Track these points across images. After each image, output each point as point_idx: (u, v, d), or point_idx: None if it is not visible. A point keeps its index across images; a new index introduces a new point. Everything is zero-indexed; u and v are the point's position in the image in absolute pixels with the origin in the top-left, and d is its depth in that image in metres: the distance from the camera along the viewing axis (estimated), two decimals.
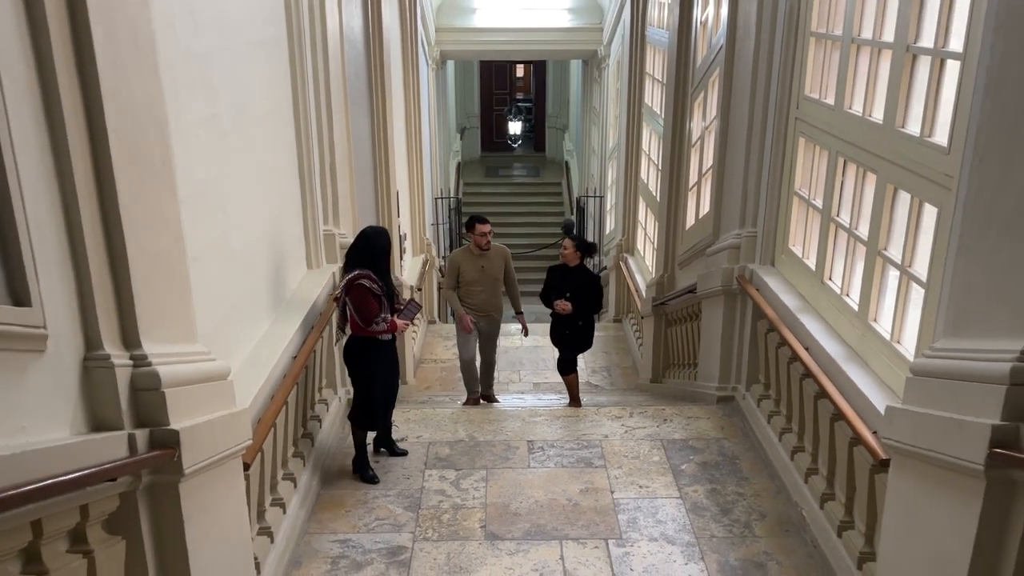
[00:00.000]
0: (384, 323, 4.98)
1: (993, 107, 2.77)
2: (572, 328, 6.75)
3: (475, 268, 6.86)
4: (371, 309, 4.88)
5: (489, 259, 6.85)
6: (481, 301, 6.95)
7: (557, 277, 6.78)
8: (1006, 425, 2.59)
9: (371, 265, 4.94)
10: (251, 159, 4.40)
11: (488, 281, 6.91)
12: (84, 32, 2.30)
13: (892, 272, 4.03)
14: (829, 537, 4.29)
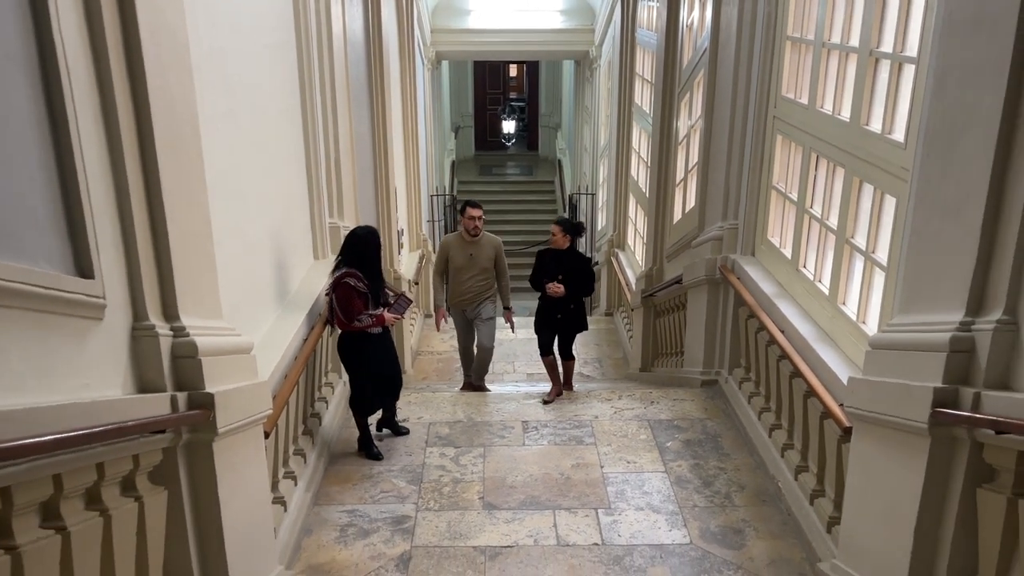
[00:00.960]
0: (369, 318, 5.17)
1: (936, 107, 3.12)
2: (564, 311, 6.64)
3: (463, 255, 6.83)
4: (353, 307, 5.09)
5: (479, 247, 6.81)
6: (467, 288, 6.92)
7: (547, 261, 6.67)
8: (947, 388, 2.94)
9: (359, 264, 5.16)
10: (263, 153, 4.72)
11: (476, 269, 6.85)
12: (134, 37, 2.62)
13: (858, 258, 4.38)
14: (802, 505, 4.64)
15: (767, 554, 4.46)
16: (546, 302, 6.69)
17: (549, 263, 6.61)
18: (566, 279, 6.49)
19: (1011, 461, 2.74)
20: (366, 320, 5.15)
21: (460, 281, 6.90)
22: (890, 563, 3.35)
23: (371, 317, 5.17)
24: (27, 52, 2.18)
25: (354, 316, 5.11)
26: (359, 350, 5.30)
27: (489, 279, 6.96)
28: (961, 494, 3.00)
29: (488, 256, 6.86)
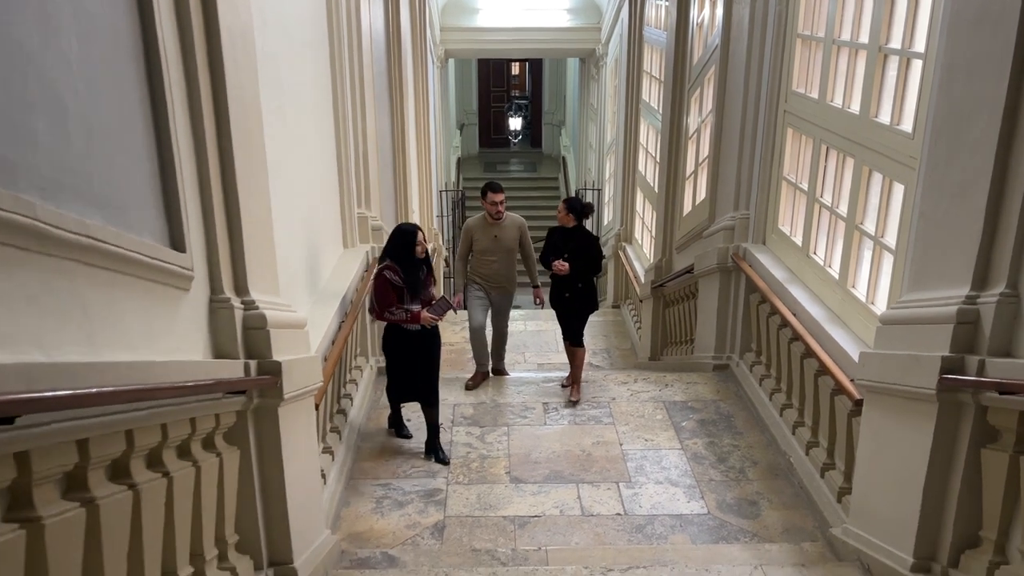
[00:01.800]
0: (403, 313, 5.21)
1: (943, 99, 3.38)
2: (572, 290, 6.45)
3: (488, 237, 6.61)
4: (385, 299, 5.18)
5: (503, 228, 6.60)
6: (493, 272, 6.69)
7: (556, 239, 6.50)
8: (953, 356, 3.20)
9: (397, 258, 5.23)
10: (303, 146, 4.97)
11: (501, 252, 6.63)
12: (215, 36, 2.88)
13: (867, 243, 4.64)
14: (813, 478, 4.90)
15: (781, 523, 4.72)
16: (556, 281, 6.52)
17: (557, 240, 6.48)
18: (572, 257, 6.32)
19: (1013, 422, 3.00)
20: (398, 314, 5.22)
21: (485, 263, 6.69)
22: (900, 523, 3.61)
23: (406, 312, 5.22)
24: (135, 45, 2.43)
25: (384, 307, 5.21)
26: (394, 344, 5.41)
27: (514, 262, 6.79)
28: (967, 455, 3.26)
29: (513, 237, 6.65)
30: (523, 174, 24.04)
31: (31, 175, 1.85)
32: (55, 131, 1.97)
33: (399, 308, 5.22)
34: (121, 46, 2.35)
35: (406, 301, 5.23)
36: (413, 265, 5.25)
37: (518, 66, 26.59)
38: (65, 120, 2.01)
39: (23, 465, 1.72)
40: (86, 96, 2.11)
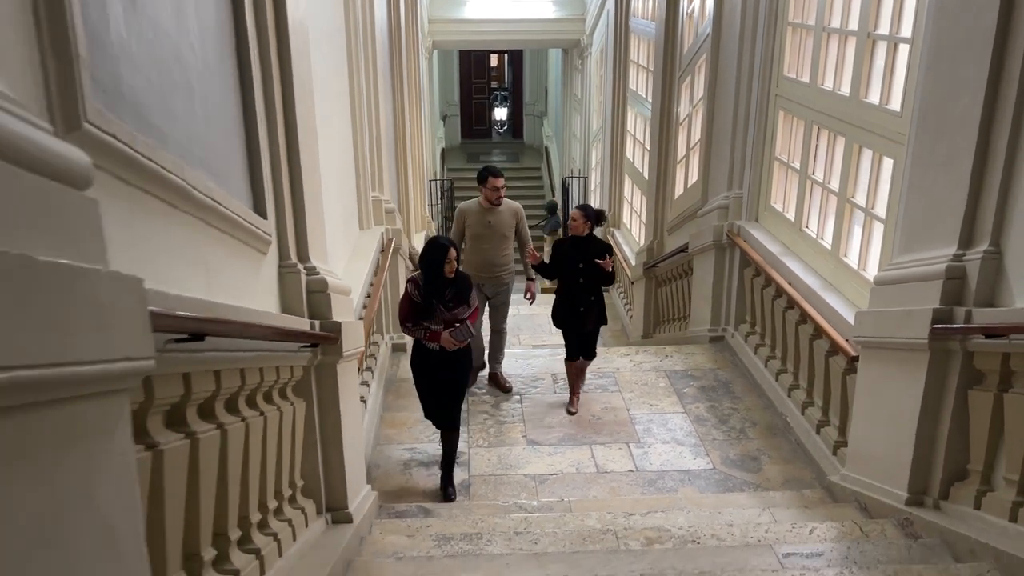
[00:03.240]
0: (422, 331, 4.81)
1: (930, 80, 3.76)
2: (587, 303, 6.03)
3: (482, 222, 6.20)
4: (400, 311, 4.87)
5: (498, 214, 6.22)
6: (486, 259, 6.26)
7: (566, 249, 6.02)
8: (943, 308, 3.58)
9: (424, 272, 4.80)
10: (328, 128, 5.26)
11: (496, 238, 6.24)
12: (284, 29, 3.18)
13: (858, 215, 5.03)
14: (809, 435, 5.30)
15: (781, 475, 5.12)
16: (566, 295, 6.08)
17: (569, 251, 5.98)
18: (587, 268, 5.88)
19: (996, 363, 3.39)
20: (416, 331, 4.83)
21: (479, 251, 6.28)
22: (894, 463, 4.01)
23: (424, 331, 4.80)
24: (231, 35, 2.73)
25: (402, 321, 4.88)
26: (417, 360, 5.03)
27: (509, 249, 6.38)
28: (955, 397, 3.65)
29: (509, 224, 6.27)
30: (506, 164, 24.31)
31: (173, 144, 2.16)
32: (187, 107, 2.27)
33: (418, 325, 4.81)
34: (224, 36, 2.65)
35: (423, 318, 4.81)
36: (437, 284, 4.77)
37: (497, 58, 26.86)
38: (192, 99, 2.31)
39: (187, 385, 2.04)
40: (204, 78, 2.42)
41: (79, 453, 1.20)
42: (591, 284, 6.00)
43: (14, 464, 1.03)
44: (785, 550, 3.57)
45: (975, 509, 3.55)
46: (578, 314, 6.05)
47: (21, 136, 1.07)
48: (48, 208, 1.12)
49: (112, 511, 1.31)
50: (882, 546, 3.57)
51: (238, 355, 2.42)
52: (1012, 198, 3.33)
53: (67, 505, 1.17)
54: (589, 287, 6.01)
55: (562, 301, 6.13)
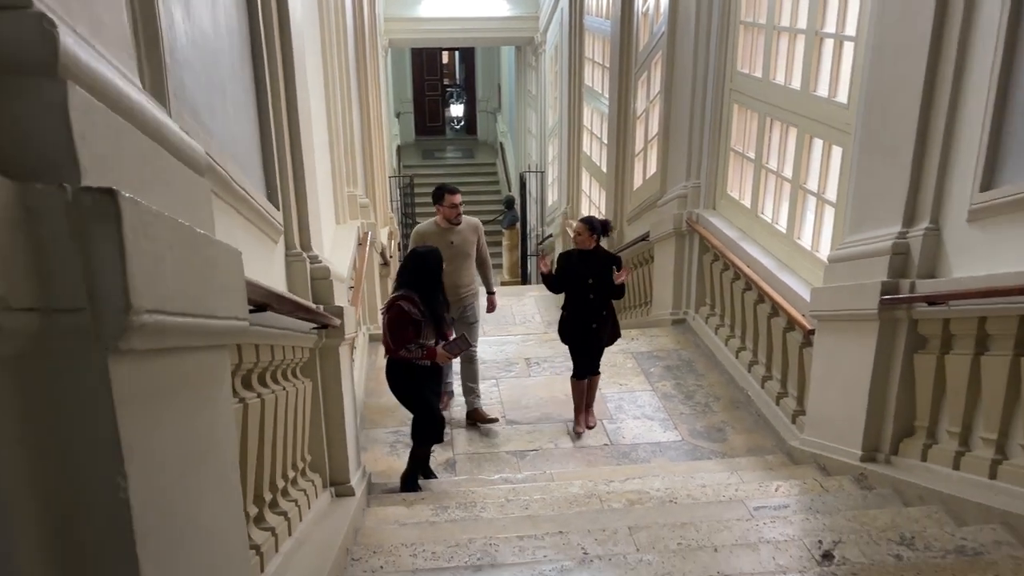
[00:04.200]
0: (419, 350, 4.58)
1: (875, 75, 4.14)
2: (599, 319, 5.63)
3: (443, 243, 5.69)
4: (403, 335, 4.55)
5: (460, 233, 5.90)
6: (451, 282, 5.67)
7: (574, 262, 5.65)
8: (890, 281, 3.97)
9: (417, 286, 4.63)
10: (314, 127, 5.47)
11: (459, 258, 5.89)
12: (287, 33, 3.41)
13: (810, 200, 5.42)
14: (770, 406, 5.69)
15: (745, 444, 5.49)
16: (575, 311, 5.69)
17: (576, 265, 5.61)
18: (597, 283, 5.55)
19: (938, 329, 3.79)
20: (415, 351, 4.58)
21: (444, 273, 5.47)
22: (849, 425, 4.39)
23: (422, 349, 4.59)
24: (246, 39, 2.96)
25: (402, 344, 4.56)
26: (405, 379, 4.74)
27: (472, 268, 6.10)
28: (902, 361, 4.04)
29: (471, 242, 5.98)
30: (460, 161, 24.56)
31: (215, 139, 2.39)
32: (222, 106, 2.50)
33: (416, 345, 4.59)
34: (243, 38, 2.88)
35: (422, 335, 4.64)
36: (435, 295, 4.70)
37: (448, 55, 27.05)
38: (225, 97, 2.55)
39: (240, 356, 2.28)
40: (232, 78, 2.65)
41: (207, 394, 1.45)
42: (602, 299, 5.62)
43: (180, 393, 1.28)
44: (755, 504, 3.92)
45: (922, 461, 3.95)
46: (590, 331, 5.67)
47: (173, 132, 1.32)
48: (188, 188, 1.37)
49: (224, 447, 1.56)
50: (841, 497, 3.95)
51: (271, 331, 2.66)
52: (948, 181, 3.72)
53: (205, 435, 1.42)
54: (600, 302, 5.62)
55: (571, 317, 5.73)
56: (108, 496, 1.04)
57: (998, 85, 3.32)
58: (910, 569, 2.79)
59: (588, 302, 5.59)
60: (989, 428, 3.49)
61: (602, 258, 5.66)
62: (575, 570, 3.01)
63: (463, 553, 3.29)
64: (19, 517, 0.96)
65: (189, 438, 1.33)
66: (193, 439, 1.35)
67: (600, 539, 3.38)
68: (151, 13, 1.69)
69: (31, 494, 0.98)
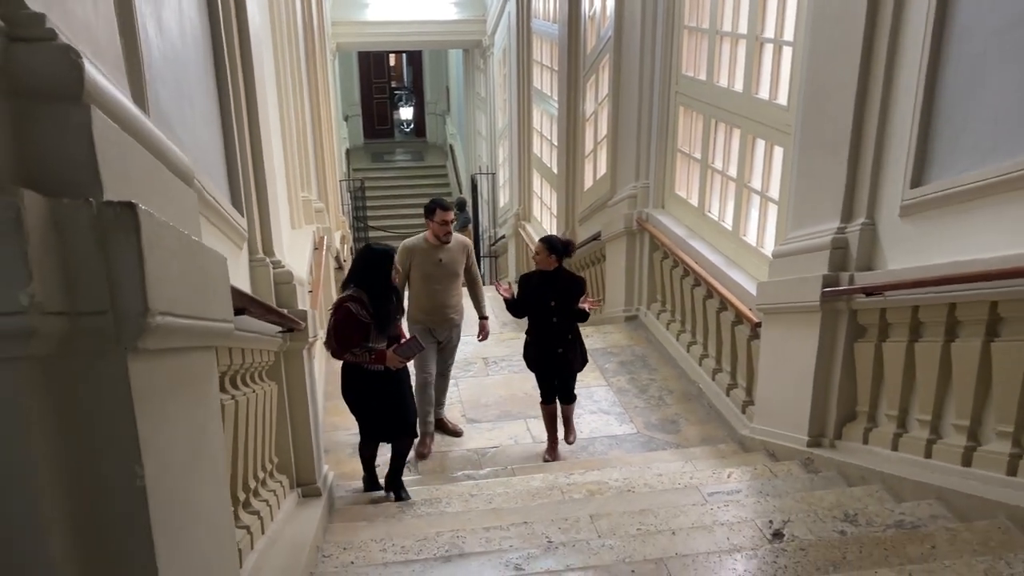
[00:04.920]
0: (366, 354, 4.31)
1: (812, 78, 4.36)
2: (564, 343, 5.33)
3: (431, 261, 5.46)
4: (348, 338, 4.27)
5: (448, 251, 5.50)
6: (438, 303, 5.55)
7: (533, 284, 5.38)
8: (831, 274, 4.18)
9: (367, 286, 4.31)
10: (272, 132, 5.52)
11: (447, 277, 5.55)
12: (247, 44, 3.47)
13: (755, 198, 5.65)
14: (720, 397, 5.90)
15: (698, 435, 5.69)
16: (538, 335, 5.41)
17: (537, 287, 5.33)
18: (560, 305, 5.24)
19: (876, 318, 4.01)
20: (361, 355, 4.31)
21: (429, 294, 5.54)
22: (796, 412, 4.60)
23: (369, 353, 4.31)
24: (208, 52, 3.03)
25: (347, 347, 4.29)
26: (358, 386, 4.48)
27: (459, 289, 5.76)
28: (844, 350, 4.26)
29: (460, 261, 5.59)
30: (410, 163, 24.58)
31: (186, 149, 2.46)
32: (192, 116, 2.57)
33: (362, 348, 4.32)
34: (206, 45, 2.95)
35: (371, 339, 4.34)
36: (385, 296, 4.39)
37: (395, 57, 27.04)
38: (193, 109, 2.62)
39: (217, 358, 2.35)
40: (197, 90, 2.72)
41: (201, 391, 1.54)
42: (566, 322, 5.29)
43: (182, 390, 1.37)
44: (709, 490, 4.10)
45: (864, 444, 4.17)
46: (555, 356, 5.36)
47: (168, 146, 1.41)
48: (181, 199, 1.46)
49: (214, 441, 1.65)
50: (789, 481, 4.15)
51: (244, 335, 2.73)
52: (882, 179, 3.95)
53: (200, 429, 1.51)
54: (565, 325, 5.29)
55: (535, 342, 5.44)
56: (127, 483, 1.13)
57: (925, 89, 3.55)
58: (853, 543, 2.98)
59: (552, 326, 5.28)
60: (924, 410, 3.72)
61: (565, 279, 5.35)
62: (541, 557, 3.13)
63: (431, 546, 3.39)
64: (50, 500, 1.05)
65: (190, 432, 1.43)
66: (192, 433, 1.44)
67: (563, 527, 3.51)
68: (132, 31, 1.77)
69: (61, 480, 1.07)
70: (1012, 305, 3.14)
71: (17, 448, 0.99)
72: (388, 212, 20.48)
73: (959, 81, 3.41)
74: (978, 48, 3.28)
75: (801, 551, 2.93)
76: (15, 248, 0.89)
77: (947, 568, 2.58)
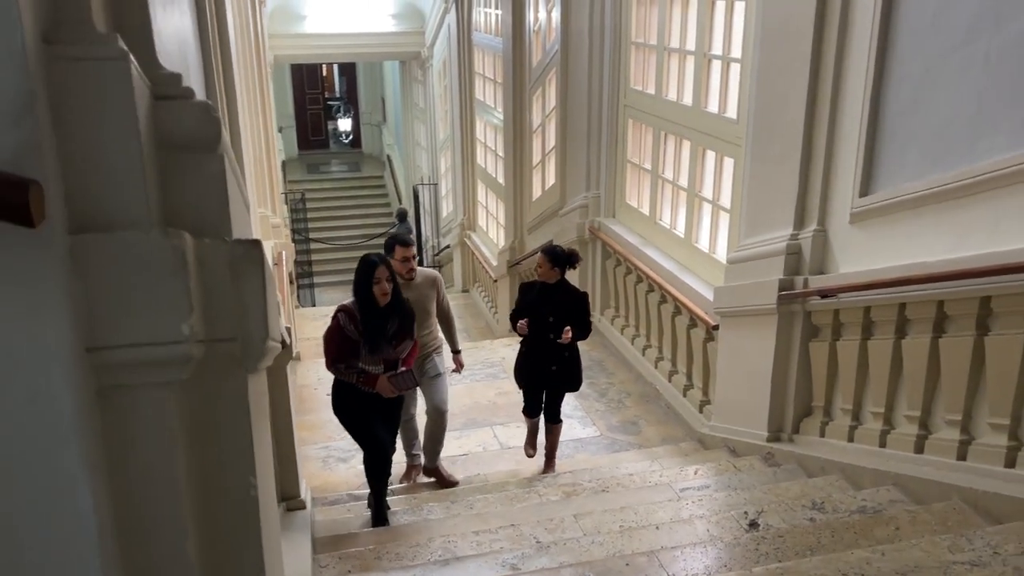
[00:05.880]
0: (353, 374, 4.05)
1: (762, 92, 4.63)
2: (559, 360, 5.00)
3: None
4: (330, 350, 4.07)
5: (416, 288, 4.98)
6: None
7: (533, 295, 5.01)
8: (786, 278, 4.45)
9: (357, 298, 4.04)
10: None
11: (418, 315, 4.87)
12: (227, 50, 3.54)
13: (706, 207, 5.91)
14: (678, 398, 6.14)
15: (658, 434, 5.92)
16: (533, 350, 5.03)
17: (535, 299, 4.98)
18: (558, 320, 4.88)
19: (829, 319, 4.29)
20: (347, 374, 4.07)
21: None
22: (754, 410, 4.86)
23: (357, 374, 4.06)
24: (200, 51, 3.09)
25: (331, 360, 4.08)
26: (352, 404, 4.19)
27: (434, 324, 5.28)
28: (799, 349, 4.53)
29: (430, 297, 5.13)
30: (347, 174, 24.46)
31: None
32: None
33: (351, 367, 4.07)
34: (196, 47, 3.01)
35: (363, 358, 4.05)
36: (375, 312, 4.02)
37: (327, 68, 26.89)
38: None
39: None
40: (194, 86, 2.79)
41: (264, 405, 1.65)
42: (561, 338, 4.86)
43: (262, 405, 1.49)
44: (680, 486, 4.31)
45: (821, 437, 4.44)
46: (549, 373, 5.04)
47: (241, 182, 1.52)
48: (248, 227, 1.58)
49: (269, 449, 1.76)
50: (753, 475, 4.40)
51: None
52: (831, 188, 4.23)
53: (266, 438, 1.62)
54: (563, 343, 4.89)
55: (529, 356, 5.08)
56: (244, 493, 1.25)
57: (871, 105, 3.84)
58: (825, 528, 3.21)
59: (548, 342, 4.89)
60: (877, 403, 4.00)
61: (565, 293, 5.00)
62: (535, 556, 3.28)
63: (424, 552, 3.51)
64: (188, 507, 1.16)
65: (266, 442, 1.54)
66: (267, 442, 1.56)
67: (549, 528, 3.67)
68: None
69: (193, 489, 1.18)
70: (956, 304, 3.43)
71: (169, 463, 1.10)
72: (327, 224, 20.35)
73: (902, 99, 3.71)
74: (920, 69, 3.58)
75: (779, 538, 3.15)
76: (182, 284, 1.01)
77: (914, 546, 2.83)
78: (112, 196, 0.99)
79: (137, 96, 0.99)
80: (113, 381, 1.03)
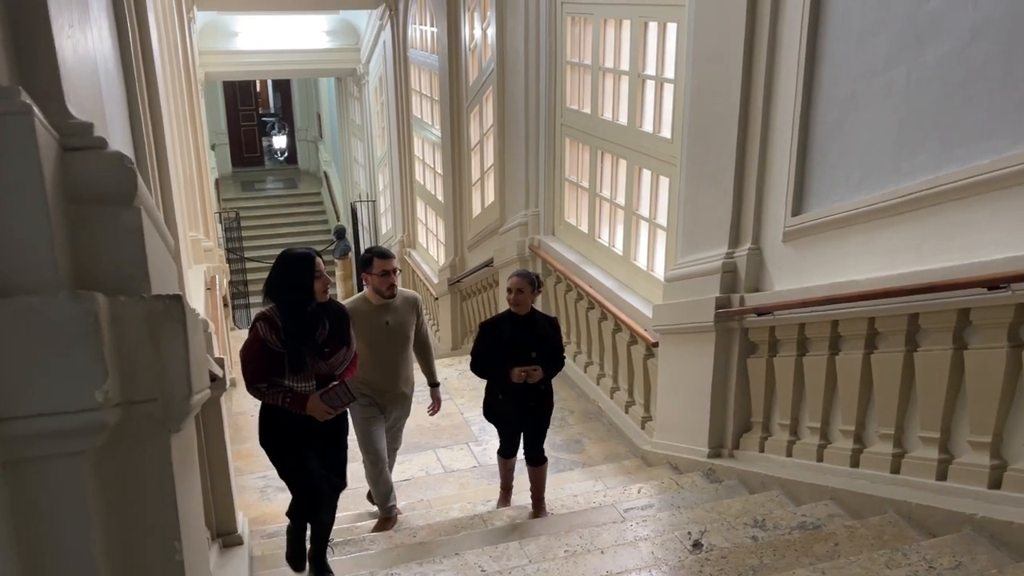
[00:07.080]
0: (281, 396, 3.39)
1: (695, 113, 4.70)
2: (536, 397, 4.48)
3: (376, 324, 4.40)
4: (248, 366, 3.42)
5: (396, 311, 4.46)
6: (388, 373, 4.58)
7: (505, 332, 4.36)
8: (723, 296, 4.50)
9: (282, 301, 3.40)
10: None
11: (398, 343, 4.56)
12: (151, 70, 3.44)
13: (643, 225, 5.97)
14: (620, 415, 6.17)
15: (601, 452, 5.93)
16: (511, 391, 4.38)
17: (512, 335, 4.35)
18: (540, 354, 4.39)
19: (766, 335, 4.36)
20: (272, 395, 3.40)
21: (378, 365, 4.49)
22: (695, 427, 4.90)
23: (284, 395, 3.39)
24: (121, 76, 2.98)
25: (251, 380, 3.43)
26: (283, 431, 3.51)
27: (410, 355, 4.77)
28: (737, 366, 4.59)
29: (410, 321, 4.58)
30: (283, 191, 24.08)
31: None
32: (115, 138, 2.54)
33: (274, 387, 3.41)
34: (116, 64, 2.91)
35: (288, 375, 3.41)
36: (303, 314, 3.40)
37: (260, 84, 26.50)
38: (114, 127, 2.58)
39: None
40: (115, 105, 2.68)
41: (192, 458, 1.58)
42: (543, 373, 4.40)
43: (188, 459, 1.42)
44: (624, 506, 4.32)
45: (760, 452, 4.50)
46: (529, 410, 4.51)
47: (165, 230, 1.45)
48: (172, 274, 1.51)
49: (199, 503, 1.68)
50: (696, 492, 4.42)
51: None
52: (765, 207, 4.31)
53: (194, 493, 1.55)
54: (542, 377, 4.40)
55: (512, 399, 4.44)
56: (169, 558, 1.18)
57: (800, 126, 3.93)
58: (767, 547, 3.24)
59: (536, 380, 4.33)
60: (813, 418, 4.08)
61: (543, 324, 4.50)
62: None
63: None
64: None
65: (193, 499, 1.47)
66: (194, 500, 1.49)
67: (494, 556, 3.62)
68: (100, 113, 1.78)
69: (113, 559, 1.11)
70: (887, 321, 3.51)
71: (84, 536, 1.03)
72: (263, 243, 19.94)
73: (830, 120, 3.80)
74: (846, 91, 3.67)
75: (723, 559, 3.16)
76: (94, 349, 0.95)
77: (852, 563, 2.87)
78: (15, 258, 0.92)
79: (43, 150, 0.93)
80: (19, 454, 0.96)
